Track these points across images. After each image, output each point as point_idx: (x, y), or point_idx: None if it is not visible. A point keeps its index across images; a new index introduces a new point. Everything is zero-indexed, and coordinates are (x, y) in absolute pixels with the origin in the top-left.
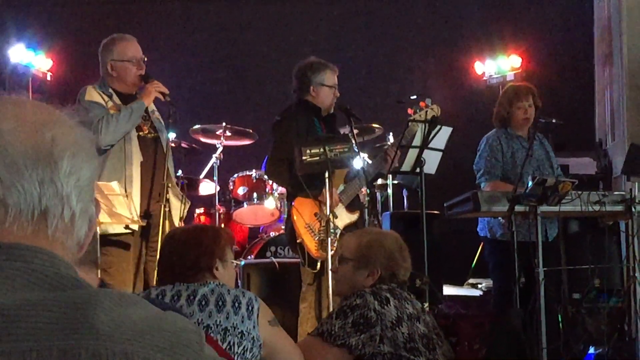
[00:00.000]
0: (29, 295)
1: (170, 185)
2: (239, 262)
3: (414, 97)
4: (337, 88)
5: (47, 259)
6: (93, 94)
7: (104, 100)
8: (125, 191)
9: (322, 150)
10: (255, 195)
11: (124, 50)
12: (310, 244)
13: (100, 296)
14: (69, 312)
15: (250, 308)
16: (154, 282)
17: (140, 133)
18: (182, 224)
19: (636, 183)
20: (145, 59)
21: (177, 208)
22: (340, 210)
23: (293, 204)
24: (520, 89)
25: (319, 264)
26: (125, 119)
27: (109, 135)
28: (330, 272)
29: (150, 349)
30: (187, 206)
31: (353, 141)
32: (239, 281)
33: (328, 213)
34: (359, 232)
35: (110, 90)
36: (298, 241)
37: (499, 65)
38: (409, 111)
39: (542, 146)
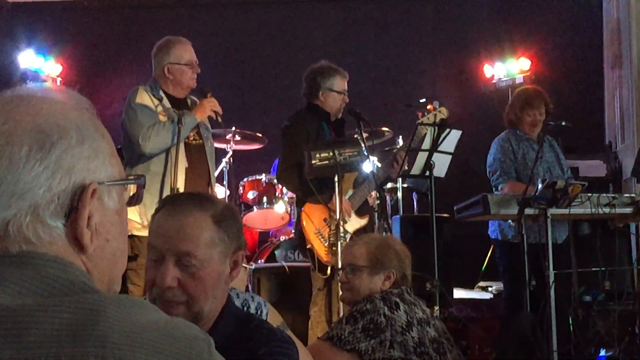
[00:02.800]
0: (37, 300)
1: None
2: (249, 266)
3: (423, 100)
4: (346, 94)
5: (60, 266)
6: (144, 97)
7: (153, 104)
8: None
9: (331, 154)
10: (265, 199)
11: (181, 54)
12: (320, 249)
13: (110, 302)
14: (79, 318)
15: (259, 312)
16: None
17: (186, 140)
18: None
19: None
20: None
21: None
22: (351, 213)
23: (303, 209)
24: (533, 96)
25: (329, 269)
26: (175, 131)
27: (157, 144)
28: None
29: (158, 357)
30: None
31: (362, 145)
32: (249, 285)
33: (338, 217)
34: (362, 239)
35: (161, 93)
36: (308, 247)
37: (508, 68)
38: (419, 115)
39: (552, 149)
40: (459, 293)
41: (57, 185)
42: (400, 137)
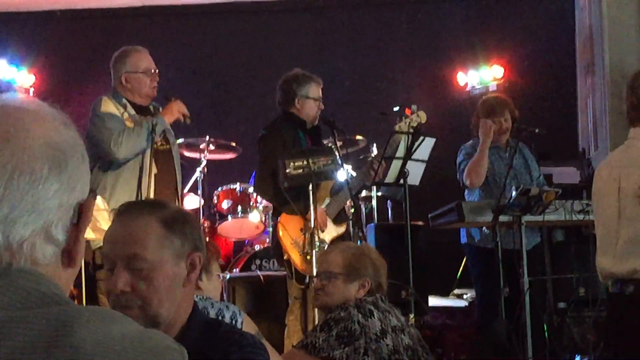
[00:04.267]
0: (11, 312)
1: (178, 200)
2: (224, 275)
3: (397, 108)
4: (321, 101)
5: (32, 278)
6: (108, 105)
7: (119, 111)
8: None
9: (305, 162)
10: (239, 208)
11: (137, 62)
12: (297, 259)
13: (83, 313)
14: (51, 329)
15: (233, 322)
16: None
17: (154, 146)
18: None
19: None
20: (158, 71)
21: None
22: (327, 224)
23: (279, 219)
24: (496, 104)
25: (307, 278)
26: (145, 135)
27: (129, 149)
28: None
29: None
30: None
31: (337, 153)
32: (225, 295)
33: (312, 226)
34: (339, 247)
35: (124, 100)
36: (285, 257)
37: (482, 76)
38: (397, 120)
39: (521, 155)
40: (434, 301)
41: (66, 203)
42: (375, 145)
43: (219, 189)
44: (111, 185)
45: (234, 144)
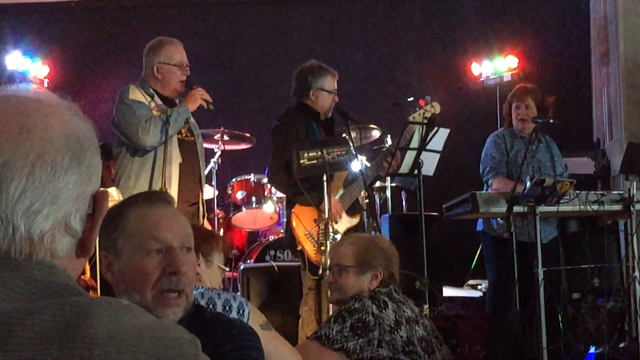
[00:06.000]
0: (25, 303)
1: (201, 191)
2: (226, 269)
3: (411, 99)
4: (336, 93)
5: (46, 269)
6: (137, 93)
7: (146, 100)
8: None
9: (319, 153)
10: (254, 199)
11: (172, 54)
12: (311, 250)
13: (97, 304)
14: (65, 320)
15: (241, 312)
16: None
17: (179, 136)
18: None
19: (634, 182)
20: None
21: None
22: (341, 217)
23: (292, 211)
24: (518, 89)
25: (320, 269)
26: (172, 122)
27: (156, 136)
28: None
29: (144, 358)
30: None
31: (351, 144)
32: (239, 285)
33: (327, 217)
34: (349, 239)
35: (152, 90)
36: (298, 248)
37: (496, 66)
38: (411, 111)
39: (549, 150)
40: (448, 291)
41: (83, 194)
42: (389, 135)
43: (233, 179)
44: (136, 174)
45: (248, 135)
